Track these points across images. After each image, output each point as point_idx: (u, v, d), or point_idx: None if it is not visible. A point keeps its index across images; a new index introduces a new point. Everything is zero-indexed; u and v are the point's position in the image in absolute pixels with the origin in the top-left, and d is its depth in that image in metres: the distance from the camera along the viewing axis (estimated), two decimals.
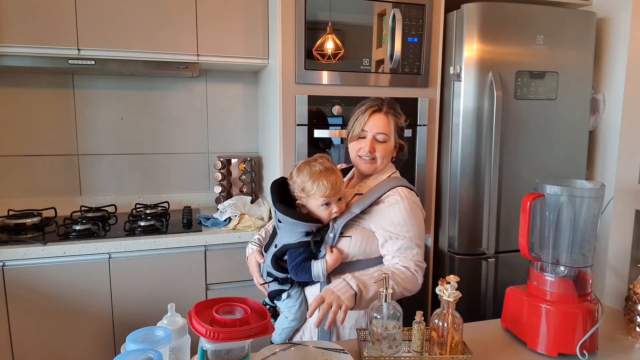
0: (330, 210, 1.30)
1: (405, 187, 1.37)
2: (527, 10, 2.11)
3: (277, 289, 1.36)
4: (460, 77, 2.10)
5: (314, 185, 1.26)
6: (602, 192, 1.18)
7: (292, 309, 1.35)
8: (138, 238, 1.95)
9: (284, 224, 1.32)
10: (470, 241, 2.17)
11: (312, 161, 1.32)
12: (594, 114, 2.34)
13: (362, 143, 1.39)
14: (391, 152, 1.41)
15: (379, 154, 1.38)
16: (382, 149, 1.38)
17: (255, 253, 1.46)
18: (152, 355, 0.84)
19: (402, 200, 1.32)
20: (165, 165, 2.56)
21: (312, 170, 1.28)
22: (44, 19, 1.97)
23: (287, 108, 1.98)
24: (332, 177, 1.27)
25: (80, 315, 1.90)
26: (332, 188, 1.26)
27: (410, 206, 1.33)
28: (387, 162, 1.42)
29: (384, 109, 1.39)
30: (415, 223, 1.33)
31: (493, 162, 2.08)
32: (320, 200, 1.28)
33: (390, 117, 1.39)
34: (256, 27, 2.22)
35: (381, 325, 1.07)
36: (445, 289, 1.07)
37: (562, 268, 1.19)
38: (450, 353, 1.08)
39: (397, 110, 1.42)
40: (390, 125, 1.38)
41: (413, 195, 1.37)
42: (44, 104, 2.33)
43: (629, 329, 1.28)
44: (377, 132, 1.38)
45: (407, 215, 1.31)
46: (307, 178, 1.28)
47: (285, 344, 1.14)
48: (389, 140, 1.39)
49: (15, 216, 2.09)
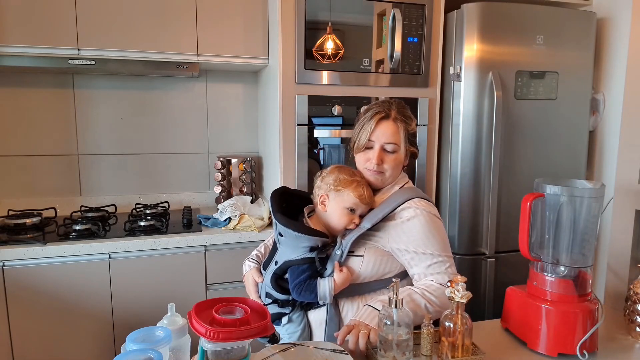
0: (352, 218, 1.22)
1: (420, 198, 1.26)
2: (527, 10, 2.11)
3: (277, 312, 1.25)
4: (460, 77, 2.10)
5: (350, 186, 1.22)
6: (602, 192, 1.18)
7: (293, 335, 1.24)
8: (138, 238, 1.95)
9: (285, 237, 1.21)
10: (470, 241, 2.17)
11: (349, 170, 1.28)
12: (594, 114, 2.34)
13: (370, 154, 1.27)
14: (402, 162, 1.30)
15: (388, 166, 1.26)
16: (391, 160, 1.26)
17: (252, 271, 1.33)
18: (152, 355, 0.84)
19: (420, 213, 1.21)
20: (165, 165, 2.56)
21: (353, 175, 1.26)
22: (44, 19, 1.97)
23: (287, 108, 1.98)
24: (369, 190, 1.25)
25: (80, 315, 1.90)
26: (368, 195, 1.23)
27: (429, 218, 1.22)
28: (398, 172, 1.31)
29: (392, 115, 1.27)
30: (439, 235, 1.22)
31: (493, 162, 2.08)
32: (349, 201, 1.21)
33: (399, 125, 1.26)
34: (256, 27, 2.22)
35: (392, 332, 1.06)
36: (457, 290, 1.06)
37: (562, 268, 1.19)
38: (462, 355, 1.07)
39: (407, 115, 1.30)
40: (400, 133, 1.26)
41: (430, 206, 1.25)
42: (44, 104, 2.33)
43: (629, 329, 1.28)
44: (386, 141, 1.26)
45: (428, 228, 1.20)
46: (347, 177, 1.24)
47: (286, 344, 1.14)
48: (399, 150, 1.27)
49: (15, 216, 2.09)
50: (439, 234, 1.23)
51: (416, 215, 1.21)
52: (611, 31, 2.27)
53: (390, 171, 1.28)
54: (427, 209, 1.23)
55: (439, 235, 1.23)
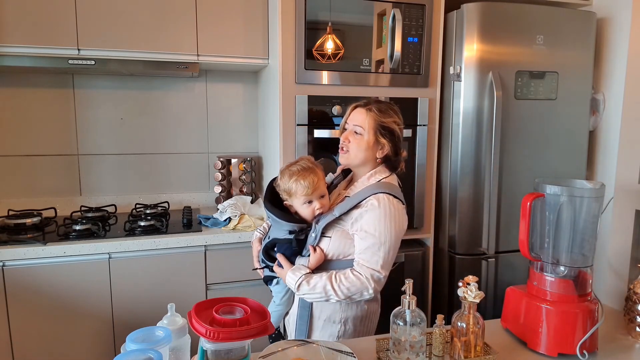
0: (313, 208, 1.37)
1: (388, 194, 1.34)
2: (527, 10, 2.11)
3: (269, 275, 1.48)
4: (460, 77, 2.10)
5: (293, 185, 1.35)
6: (602, 192, 1.18)
7: (279, 295, 1.49)
8: (138, 238, 1.95)
9: (271, 220, 1.45)
10: (470, 241, 2.17)
11: (292, 164, 1.41)
12: (594, 114, 2.34)
13: (343, 134, 1.44)
14: (368, 149, 1.39)
15: (352, 146, 1.39)
16: (355, 141, 1.39)
17: (256, 239, 1.57)
18: (152, 355, 0.84)
19: (380, 206, 1.31)
20: (165, 165, 2.56)
21: (291, 172, 1.37)
22: (44, 19, 1.97)
23: (287, 108, 1.98)
24: (310, 176, 1.35)
25: (80, 315, 1.90)
26: (310, 186, 1.34)
27: (386, 212, 1.31)
28: (365, 158, 1.40)
29: (367, 106, 1.42)
30: (387, 230, 1.31)
31: (493, 161, 2.08)
32: (301, 199, 1.36)
33: (369, 113, 1.39)
34: (256, 27, 2.22)
35: (405, 333, 1.06)
36: (470, 290, 1.06)
37: (562, 268, 1.19)
38: (476, 355, 1.07)
39: (383, 109, 1.41)
40: (367, 119, 1.38)
41: (395, 203, 1.34)
42: (44, 104, 2.33)
43: (629, 329, 1.28)
44: (355, 124, 1.40)
45: (379, 220, 1.30)
46: (287, 179, 1.37)
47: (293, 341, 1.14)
48: (364, 134, 1.38)
49: (15, 216, 2.09)
50: (389, 228, 1.31)
51: (374, 208, 1.31)
52: (611, 31, 2.27)
53: (354, 152, 1.40)
54: (390, 204, 1.32)
55: (388, 229, 1.31)
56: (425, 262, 2.27)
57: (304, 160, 1.42)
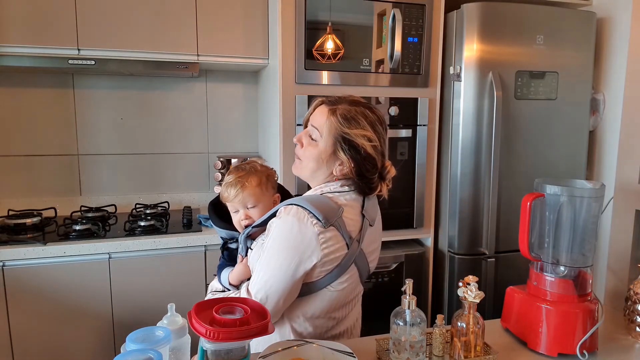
0: (238, 218, 1.25)
1: (303, 207, 1.06)
2: (527, 10, 2.11)
3: None
4: (460, 77, 2.10)
5: (223, 189, 1.25)
6: (602, 192, 1.18)
7: None
8: (138, 238, 1.95)
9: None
10: (470, 241, 2.17)
11: (236, 166, 1.29)
12: (594, 114, 2.34)
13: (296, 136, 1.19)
14: (321, 161, 1.13)
15: (303, 153, 1.15)
16: (308, 147, 1.14)
17: None
18: (152, 355, 0.84)
19: (283, 218, 1.07)
20: (165, 165, 2.56)
21: (227, 175, 1.26)
22: (44, 19, 1.97)
23: (287, 108, 1.98)
24: (238, 184, 1.21)
25: (80, 315, 1.90)
26: (233, 193, 1.21)
27: (285, 228, 1.05)
28: (315, 170, 1.15)
29: (334, 105, 1.13)
30: (273, 250, 1.06)
31: (493, 161, 2.08)
32: (229, 205, 1.25)
33: (332, 116, 1.10)
34: (256, 27, 2.22)
35: (405, 333, 1.05)
36: (470, 290, 1.06)
37: (562, 268, 1.19)
38: (476, 355, 1.07)
39: (351, 117, 1.10)
40: (326, 123, 1.11)
41: (304, 220, 1.04)
42: (44, 104, 2.33)
43: (629, 329, 1.28)
44: (312, 124, 1.14)
45: (273, 236, 1.08)
46: (223, 182, 1.27)
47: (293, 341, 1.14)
48: (319, 139, 1.12)
49: (15, 216, 2.09)
50: (281, 243, 1.07)
51: (281, 217, 1.08)
52: (611, 31, 2.27)
53: (306, 162, 1.15)
54: (297, 218, 1.05)
55: (280, 244, 1.07)
56: (425, 262, 2.27)
57: (245, 163, 1.28)
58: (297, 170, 1.20)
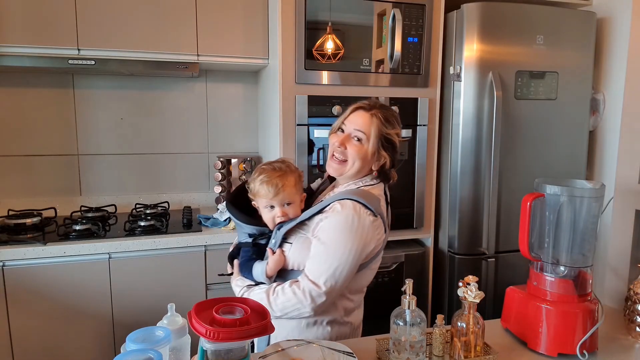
0: (274, 214, 1.26)
1: (357, 201, 1.19)
2: (527, 10, 2.11)
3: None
4: (460, 77, 2.10)
5: (257, 186, 1.26)
6: (602, 192, 1.18)
7: None
8: (138, 238, 1.95)
9: (235, 222, 1.36)
10: (470, 241, 2.17)
11: (268, 163, 1.31)
12: (594, 114, 2.34)
13: (339, 137, 1.27)
14: (367, 159, 1.25)
15: (351, 153, 1.24)
16: (355, 148, 1.23)
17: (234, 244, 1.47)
18: (152, 355, 0.84)
19: (341, 212, 1.17)
20: (165, 165, 2.55)
21: (261, 171, 1.28)
22: (44, 19, 1.97)
23: (287, 108, 1.98)
24: (276, 180, 1.24)
25: (80, 315, 1.90)
26: (272, 190, 1.24)
27: (347, 221, 1.16)
28: (361, 169, 1.26)
29: (371, 110, 1.26)
30: (343, 242, 1.16)
31: (493, 161, 2.08)
32: (264, 201, 1.26)
33: (374, 119, 1.24)
34: (256, 27, 2.22)
35: (405, 333, 1.05)
36: (470, 290, 1.06)
37: (562, 268, 1.19)
38: (476, 355, 1.07)
39: (389, 118, 1.26)
40: (372, 126, 1.23)
41: (362, 213, 1.18)
42: (44, 104, 2.33)
43: (629, 329, 1.28)
44: (355, 128, 1.24)
45: (336, 228, 1.17)
46: (255, 178, 1.28)
47: (293, 341, 1.14)
48: (367, 142, 1.24)
49: (15, 216, 2.09)
50: (350, 234, 1.17)
51: (339, 211, 1.18)
52: (611, 31, 2.27)
53: (352, 161, 1.24)
54: (354, 212, 1.17)
55: (343, 241, 1.17)
56: (425, 262, 2.27)
57: (278, 162, 1.31)
58: (340, 170, 1.27)
